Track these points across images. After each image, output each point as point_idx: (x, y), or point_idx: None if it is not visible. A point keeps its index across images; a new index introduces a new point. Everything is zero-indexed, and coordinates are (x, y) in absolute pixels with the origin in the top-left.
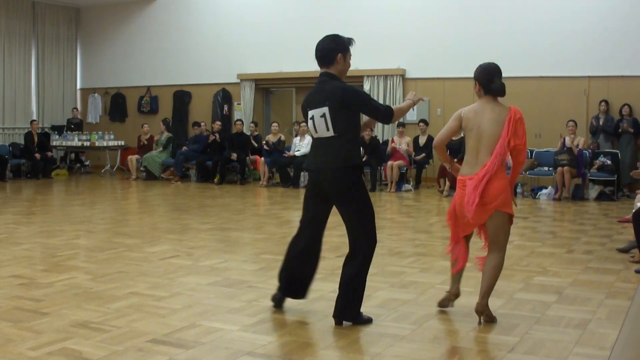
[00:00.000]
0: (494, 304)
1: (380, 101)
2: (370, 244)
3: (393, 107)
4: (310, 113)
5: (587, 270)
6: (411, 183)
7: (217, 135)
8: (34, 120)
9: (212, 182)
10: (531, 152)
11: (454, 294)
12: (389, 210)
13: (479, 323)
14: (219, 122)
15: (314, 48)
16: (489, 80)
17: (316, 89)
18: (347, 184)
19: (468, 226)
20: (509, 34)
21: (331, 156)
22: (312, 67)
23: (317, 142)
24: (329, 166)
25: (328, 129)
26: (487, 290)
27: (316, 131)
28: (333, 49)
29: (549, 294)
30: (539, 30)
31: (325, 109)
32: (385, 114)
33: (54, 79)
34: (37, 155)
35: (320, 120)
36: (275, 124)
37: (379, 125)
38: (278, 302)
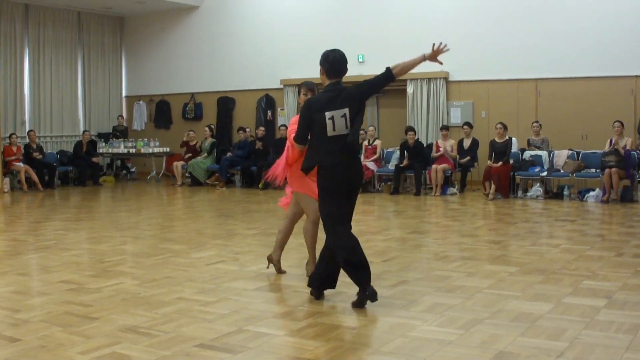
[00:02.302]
0: (541, 308)
1: (424, 105)
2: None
3: (394, 66)
4: (329, 114)
5: (637, 274)
6: (456, 186)
7: (259, 142)
8: (86, 131)
9: (257, 188)
10: (577, 153)
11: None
12: (434, 214)
13: (267, 267)
14: (262, 128)
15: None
16: None
17: (331, 95)
18: (360, 171)
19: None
20: (554, 34)
21: (348, 149)
22: (354, 72)
23: (332, 140)
24: (348, 158)
25: (346, 127)
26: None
27: (334, 130)
28: (346, 61)
29: (598, 298)
30: (584, 30)
31: (346, 110)
32: (386, 75)
33: (100, 87)
34: (96, 160)
35: (340, 120)
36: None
37: (422, 128)
38: (319, 295)
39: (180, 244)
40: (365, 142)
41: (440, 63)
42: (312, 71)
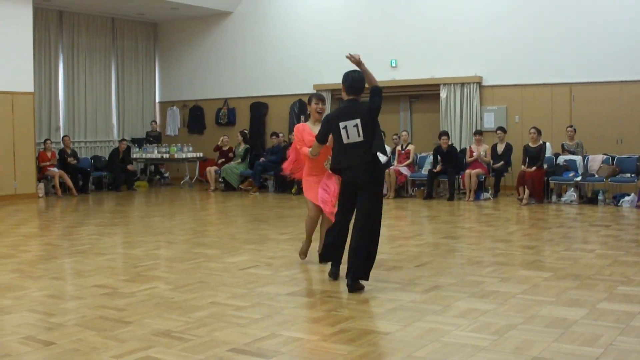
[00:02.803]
0: (575, 313)
1: (457, 110)
2: (378, 225)
3: (374, 84)
4: (342, 124)
5: None
6: (490, 191)
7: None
8: (124, 140)
9: (290, 193)
10: (612, 158)
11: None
12: (468, 220)
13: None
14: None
15: (393, 58)
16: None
17: (349, 108)
18: (373, 176)
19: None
20: (588, 38)
21: (361, 155)
22: (387, 76)
23: (347, 147)
24: (360, 163)
25: (359, 136)
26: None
27: (348, 137)
28: (364, 81)
29: (634, 304)
30: (618, 33)
31: (357, 121)
32: (376, 89)
33: (134, 92)
34: (131, 167)
35: (354, 129)
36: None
37: (455, 133)
38: (335, 275)
39: (213, 248)
40: (399, 147)
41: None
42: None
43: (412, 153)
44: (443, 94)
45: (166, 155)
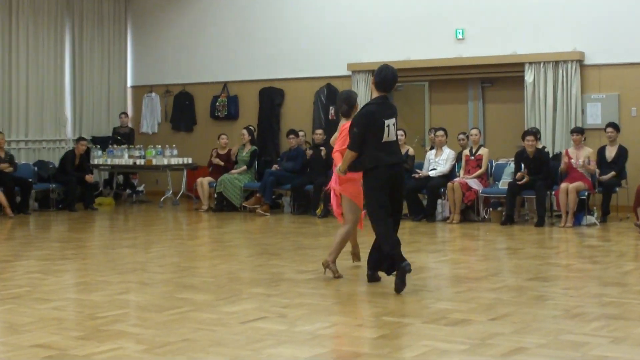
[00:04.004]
0: None
1: (549, 99)
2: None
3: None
4: (387, 122)
5: None
6: (595, 214)
7: (321, 149)
8: (82, 139)
9: (314, 215)
10: None
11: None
12: (564, 254)
13: (324, 273)
14: (321, 131)
15: (460, 31)
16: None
17: (384, 106)
18: (404, 174)
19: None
20: None
21: (398, 154)
22: (451, 52)
23: (386, 145)
24: (400, 160)
25: (395, 135)
26: (334, 250)
27: (388, 135)
28: (396, 80)
29: None
30: None
31: (394, 120)
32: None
33: (96, 73)
34: (90, 178)
35: (393, 127)
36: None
37: (547, 131)
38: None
39: (204, 293)
40: (466, 151)
41: None
42: (392, 53)
43: (486, 160)
44: (529, 77)
45: (141, 161)
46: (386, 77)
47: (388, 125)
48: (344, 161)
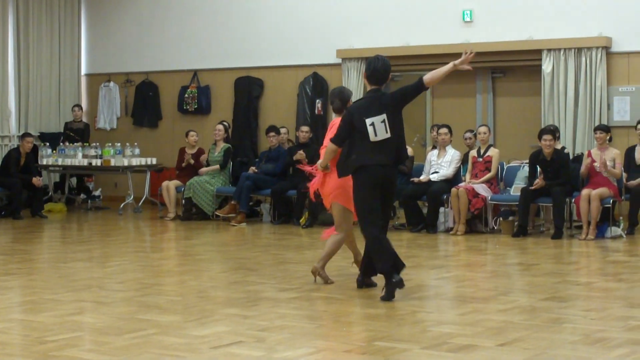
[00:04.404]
0: None
1: (570, 92)
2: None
3: (426, 76)
4: (370, 120)
5: None
6: (621, 225)
7: (302, 151)
8: (28, 135)
9: (297, 224)
10: None
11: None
12: (585, 270)
13: (314, 281)
14: (307, 128)
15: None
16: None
17: (370, 101)
18: (396, 178)
19: None
20: None
21: (389, 154)
22: (457, 37)
23: (375, 144)
24: (389, 162)
25: (387, 132)
26: (324, 256)
27: (376, 135)
28: (388, 71)
29: None
30: None
31: (384, 116)
32: (417, 84)
33: (44, 59)
34: (37, 181)
35: (381, 125)
36: None
37: (566, 129)
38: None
39: (171, 313)
40: (473, 152)
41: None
42: (388, 38)
43: (496, 162)
44: (547, 66)
45: (97, 162)
46: (376, 69)
47: (372, 124)
48: (325, 154)
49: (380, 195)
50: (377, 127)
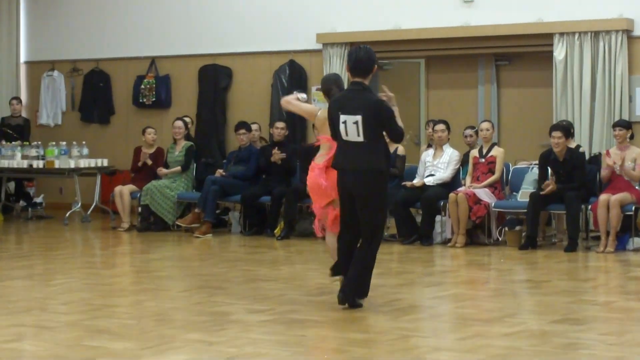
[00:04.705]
0: None
1: (586, 82)
2: (380, 236)
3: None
4: (344, 117)
5: None
6: None
7: (278, 151)
8: None
9: (271, 235)
10: None
11: None
12: (603, 288)
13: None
14: (282, 124)
15: None
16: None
17: (349, 95)
18: (370, 186)
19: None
20: None
21: (359, 159)
22: (456, 20)
23: (346, 145)
24: (357, 167)
25: (359, 135)
26: None
27: (347, 134)
28: (373, 60)
29: None
30: None
31: (359, 117)
32: (398, 136)
33: None
34: None
35: (352, 126)
36: None
37: (582, 125)
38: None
39: (124, 339)
40: (474, 152)
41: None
42: (376, 20)
43: (500, 163)
44: (559, 53)
45: (39, 163)
46: (359, 59)
47: (345, 122)
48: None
49: (356, 204)
50: (349, 127)
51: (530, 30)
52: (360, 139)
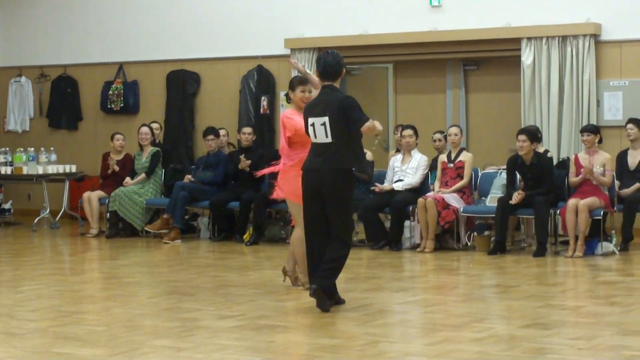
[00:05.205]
0: None
1: (554, 86)
2: (350, 233)
3: (370, 121)
4: (312, 120)
5: None
6: (614, 240)
7: (245, 157)
8: None
9: (240, 241)
10: None
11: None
12: (572, 293)
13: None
14: (249, 129)
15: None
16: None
17: (318, 99)
18: (339, 184)
19: None
20: None
21: (327, 159)
22: (423, 25)
23: (315, 146)
24: (324, 167)
25: (327, 136)
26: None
27: (315, 137)
28: (341, 64)
29: None
30: None
31: (326, 119)
32: (362, 121)
33: None
34: None
35: (320, 128)
36: None
37: (550, 130)
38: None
39: (93, 346)
40: (443, 156)
41: None
42: (344, 26)
43: (469, 168)
44: (527, 57)
45: (7, 170)
46: (327, 64)
47: (312, 124)
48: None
49: (325, 204)
50: (317, 129)
51: (498, 34)
52: (329, 139)
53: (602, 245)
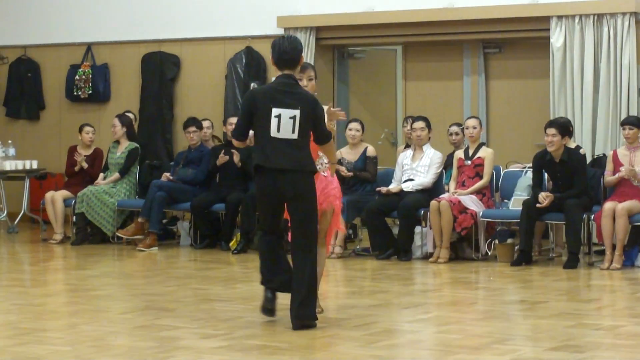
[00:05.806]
0: None
1: (588, 73)
2: (315, 241)
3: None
4: (277, 111)
5: None
6: None
7: (234, 151)
8: None
9: (226, 249)
10: None
11: None
12: (608, 310)
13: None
14: (235, 120)
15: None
16: None
17: (282, 89)
18: (306, 187)
19: None
20: None
21: (294, 159)
22: (434, 1)
23: (275, 142)
24: (292, 167)
25: (293, 132)
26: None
27: (278, 130)
28: (299, 50)
29: None
30: None
31: (297, 112)
32: (325, 138)
33: None
34: None
35: (288, 121)
36: (355, 124)
37: (583, 123)
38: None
39: None
40: (459, 153)
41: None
42: (344, 2)
43: (489, 166)
44: (557, 39)
45: None
46: (283, 51)
47: (279, 116)
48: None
49: (288, 208)
50: (283, 122)
51: (524, 12)
52: (295, 136)
53: None
